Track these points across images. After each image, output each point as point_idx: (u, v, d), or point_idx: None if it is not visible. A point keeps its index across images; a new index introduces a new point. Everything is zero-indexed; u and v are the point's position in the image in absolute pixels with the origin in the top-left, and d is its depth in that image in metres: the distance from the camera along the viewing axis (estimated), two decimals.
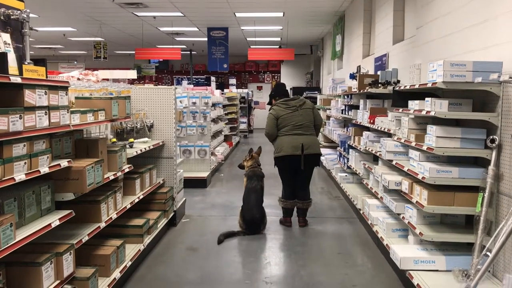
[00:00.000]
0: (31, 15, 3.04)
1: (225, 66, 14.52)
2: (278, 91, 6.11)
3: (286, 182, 5.85)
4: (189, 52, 19.18)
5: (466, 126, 3.73)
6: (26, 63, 2.88)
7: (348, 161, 7.11)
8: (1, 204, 2.66)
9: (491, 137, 3.42)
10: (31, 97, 2.76)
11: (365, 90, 6.13)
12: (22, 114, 2.63)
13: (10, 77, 2.57)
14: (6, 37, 2.75)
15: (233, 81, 20.51)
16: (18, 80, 2.64)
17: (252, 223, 5.40)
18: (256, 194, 5.53)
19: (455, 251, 3.83)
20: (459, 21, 4.44)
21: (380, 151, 5.12)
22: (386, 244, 4.41)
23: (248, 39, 16.38)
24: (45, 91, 2.91)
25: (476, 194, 3.42)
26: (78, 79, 4.60)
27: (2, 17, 2.80)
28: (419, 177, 3.80)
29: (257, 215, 5.44)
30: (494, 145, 3.37)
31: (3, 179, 2.51)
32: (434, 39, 5.10)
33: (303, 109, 5.72)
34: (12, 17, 2.86)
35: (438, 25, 5.00)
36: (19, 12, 2.92)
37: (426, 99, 3.80)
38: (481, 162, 3.73)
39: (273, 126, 5.69)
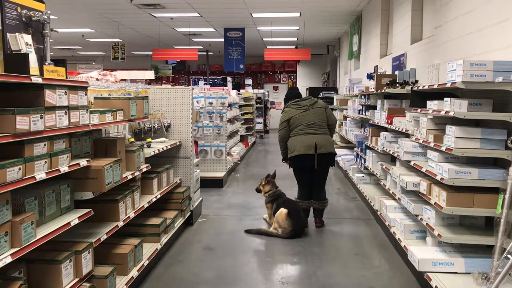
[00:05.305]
0: (51, 16, 3.08)
1: (241, 66, 14.54)
2: (290, 94, 6.10)
3: (301, 182, 5.83)
4: (205, 53, 19.26)
5: (486, 127, 3.67)
6: (46, 63, 2.92)
7: (365, 161, 7.07)
8: (22, 202, 2.70)
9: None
10: (51, 97, 2.80)
11: (383, 90, 6.08)
12: (42, 114, 2.68)
13: (32, 78, 2.61)
14: (28, 38, 2.80)
15: (249, 81, 20.53)
16: (39, 80, 2.68)
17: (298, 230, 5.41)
18: (301, 208, 5.60)
19: (474, 254, 3.77)
20: (479, 20, 4.38)
21: (397, 152, 5.07)
22: (404, 246, 4.37)
23: (264, 39, 16.38)
24: (65, 91, 2.95)
25: (496, 196, 3.36)
26: (97, 79, 4.65)
27: (24, 19, 2.85)
28: (438, 178, 3.75)
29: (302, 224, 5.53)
30: None
31: (24, 178, 2.56)
32: (453, 38, 5.03)
33: (315, 109, 5.70)
34: (33, 18, 2.91)
35: (457, 25, 4.93)
36: (40, 13, 2.97)
37: (445, 99, 3.75)
38: (501, 163, 3.68)
39: (284, 128, 5.70)
